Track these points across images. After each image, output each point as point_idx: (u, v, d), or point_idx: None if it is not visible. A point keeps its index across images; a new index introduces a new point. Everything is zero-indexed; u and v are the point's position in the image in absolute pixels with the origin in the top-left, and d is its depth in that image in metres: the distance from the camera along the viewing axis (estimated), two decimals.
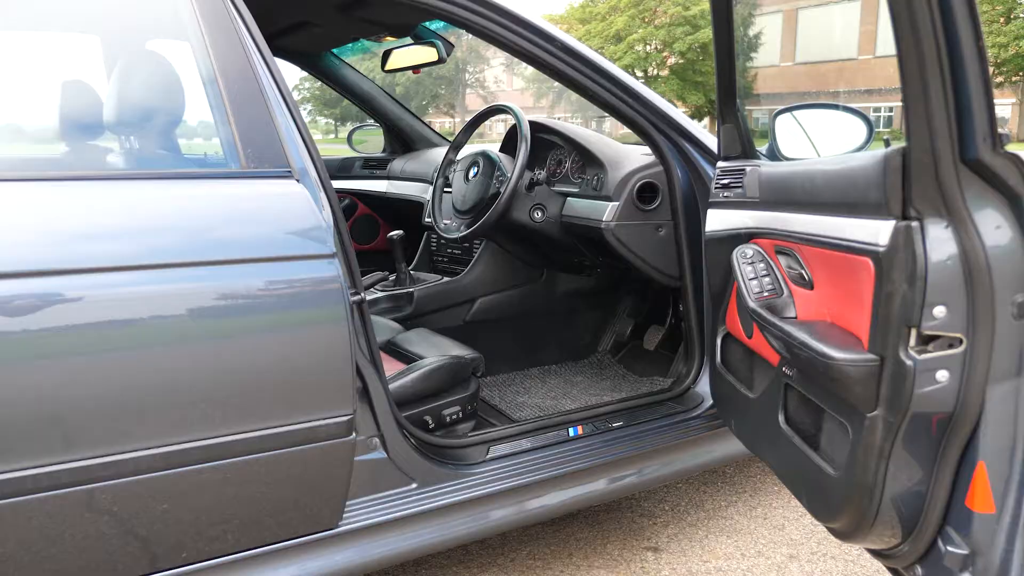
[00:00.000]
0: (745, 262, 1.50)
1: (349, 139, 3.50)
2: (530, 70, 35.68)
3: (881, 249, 1.08)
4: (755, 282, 1.46)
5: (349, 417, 1.37)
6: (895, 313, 1.07)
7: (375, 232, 3.35)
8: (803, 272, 1.37)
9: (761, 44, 27.94)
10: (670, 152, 1.99)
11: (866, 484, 1.17)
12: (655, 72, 30.69)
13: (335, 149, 3.57)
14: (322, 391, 1.34)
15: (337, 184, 3.27)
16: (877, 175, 1.08)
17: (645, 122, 1.95)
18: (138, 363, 1.17)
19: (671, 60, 30.25)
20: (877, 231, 1.09)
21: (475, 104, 35.60)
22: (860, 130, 1.68)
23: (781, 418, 1.45)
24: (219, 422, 1.24)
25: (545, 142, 2.49)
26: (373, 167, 3.31)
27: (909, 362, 1.07)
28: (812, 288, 1.35)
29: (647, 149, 2.10)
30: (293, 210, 1.31)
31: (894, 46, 0.98)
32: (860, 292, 1.14)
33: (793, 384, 1.40)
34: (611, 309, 2.77)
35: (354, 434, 1.39)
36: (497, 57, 37.61)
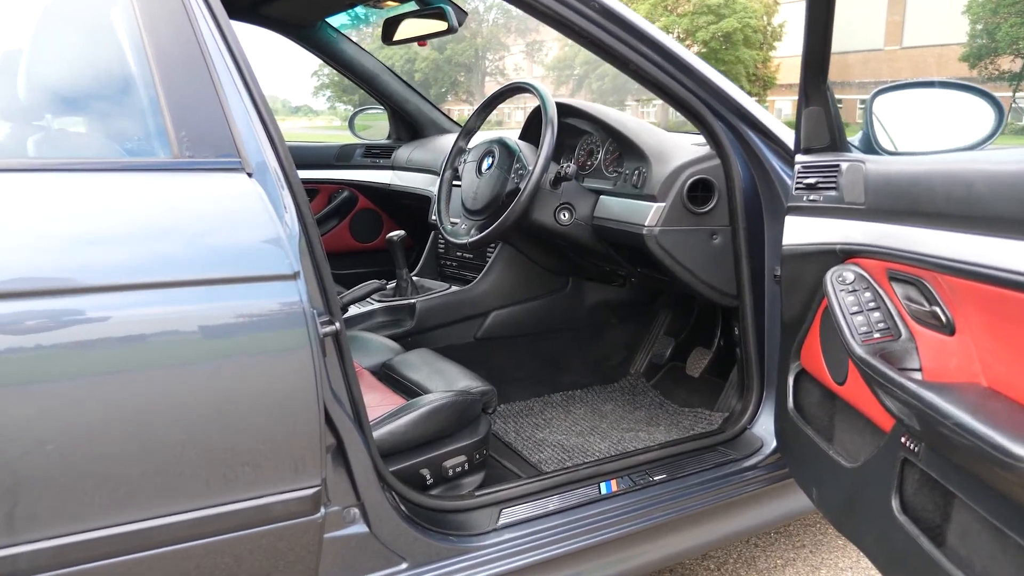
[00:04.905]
0: (844, 289, 1.14)
1: (351, 123, 3.14)
2: (551, 57, 35.41)
3: None
4: (860, 317, 1.10)
5: (315, 489, 1.04)
6: None
7: (378, 229, 3.02)
8: (938, 310, 0.99)
9: (785, 34, 27.42)
10: (730, 142, 1.63)
11: None
12: None
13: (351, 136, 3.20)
14: (277, 457, 1.02)
15: (336, 174, 2.93)
16: None
17: (699, 104, 1.59)
18: (18, 424, 0.84)
19: (694, 49, 29.72)
20: None
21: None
22: (987, 116, 1.30)
23: (895, 505, 1.09)
24: (141, 502, 0.93)
25: (574, 128, 2.13)
26: (376, 155, 2.97)
27: None
28: (952, 334, 0.98)
29: (700, 138, 1.74)
30: (240, 214, 0.99)
31: None
32: None
33: (919, 464, 1.03)
34: (647, 325, 2.41)
35: (322, 509, 1.06)
36: (517, 44, 37.19)
